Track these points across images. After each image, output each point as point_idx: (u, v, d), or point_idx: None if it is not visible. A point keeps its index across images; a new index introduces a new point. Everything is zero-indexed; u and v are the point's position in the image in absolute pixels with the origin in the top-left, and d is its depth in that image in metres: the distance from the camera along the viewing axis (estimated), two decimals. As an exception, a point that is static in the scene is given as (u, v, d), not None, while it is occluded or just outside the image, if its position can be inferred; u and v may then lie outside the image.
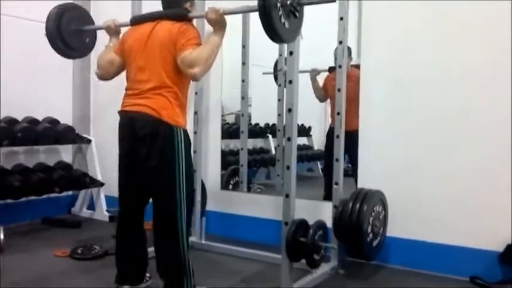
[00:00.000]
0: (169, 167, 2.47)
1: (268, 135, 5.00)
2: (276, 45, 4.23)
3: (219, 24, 2.46)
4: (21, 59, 4.36)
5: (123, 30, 2.83)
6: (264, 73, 4.57)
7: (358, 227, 2.85)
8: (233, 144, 4.63)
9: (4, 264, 3.22)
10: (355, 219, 2.86)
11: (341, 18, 3.13)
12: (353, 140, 3.41)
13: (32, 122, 4.27)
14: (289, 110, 2.68)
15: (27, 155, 4.43)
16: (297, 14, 2.29)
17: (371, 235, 2.94)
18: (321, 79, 4.21)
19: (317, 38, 3.65)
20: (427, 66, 3.22)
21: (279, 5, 2.17)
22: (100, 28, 2.98)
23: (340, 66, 3.15)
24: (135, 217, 2.73)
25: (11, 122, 4.12)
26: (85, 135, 4.72)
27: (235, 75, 4.25)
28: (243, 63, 4.22)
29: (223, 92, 4.18)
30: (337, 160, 3.16)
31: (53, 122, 4.42)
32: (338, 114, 3.17)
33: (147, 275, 2.83)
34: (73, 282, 2.99)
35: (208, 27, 2.58)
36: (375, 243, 3.00)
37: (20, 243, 3.77)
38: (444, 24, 3.16)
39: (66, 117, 4.70)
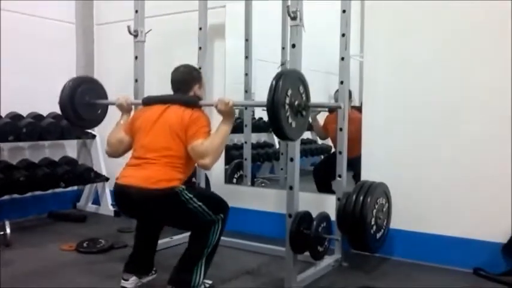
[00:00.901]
0: (188, 216, 2.55)
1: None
2: (279, 39, 4.25)
3: (228, 114, 2.57)
4: (26, 54, 4.39)
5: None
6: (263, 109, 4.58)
7: (362, 220, 2.85)
8: (237, 138, 4.64)
9: (11, 258, 3.26)
10: (358, 211, 2.86)
11: (343, 11, 3.13)
12: (356, 164, 3.44)
13: (37, 117, 4.31)
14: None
15: (32, 150, 4.47)
16: (304, 114, 2.39)
17: (374, 227, 2.94)
18: (321, 118, 4.24)
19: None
20: (429, 59, 3.22)
21: (287, 105, 2.27)
22: (112, 104, 3.05)
23: (343, 59, 3.15)
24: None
25: (16, 117, 4.16)
26: (89, 130, 4.74)
27: (239, 68, 4.25)
28: (246, 57, 4.22)
29: (226, 86, 4.19)
30: (340, 153, 3.17)
31: (58, 117, 4.44)
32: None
33: (154, 268, 2.89)
34: (79, 274, 3.02)
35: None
36: (378, 235, 3.01)
37: (27, 237, 3.80)
38: (446, 17, 3.15)
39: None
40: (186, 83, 2.76)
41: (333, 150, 4.01)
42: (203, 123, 2.57)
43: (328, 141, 4.40)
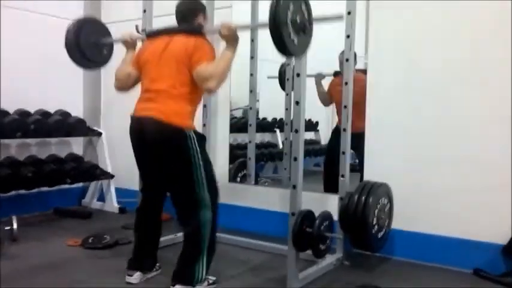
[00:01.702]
0: (187, 169, 2.57)
1: (276, 129, 5.04)
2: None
3: (232, 39, 2.58)
4: (34, 52, 4.44)
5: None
6: (268, 77, 4.62)
7: (364, 219, 2.89)
8: (241, 138, 4.68)
9: (18, 252, 3.31)
10: (360, 211, 2.90)
11: (349, 13, 3.16)
12: (359, 141, 3.47)
13: (44, 114, 4.36)
14: (297, 103, 2.73)
15: (39, 147, 4.52)
16: (306, 32, 2.37)
17: (376, 227, 2.97)
18: (325, 84, 4.26)
19: (323, 42, 3.70)
20: (433, 62, 3.25)
21: (289, 21, 2.25)
22: (117, 41, 3.08)
23: (347, 60, 3.19)
24: (154, 207, 2.87)
25: (24, 114, 4.21)
26: (96, 128, 4.80)
27: (244, 69, 4.29)
28: (252, 57, 4.26)
29: (232, 86, 4.23)
30: (343, 153, 3.20)
31: (65, 114, 4.51)
32: (345, 107, 3.21)
33: (157, 264, 2.92)
34: (85, 270, 3.07)
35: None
36: (380, 235, 3.04)
37: (33, 232, 3.86)
38: (453, 21, 3.18)
39: (77, 110, 4.79)
40: (191, 12, 2.77)
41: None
42: (207, 49, 2.59)
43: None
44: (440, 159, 3.23)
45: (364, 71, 3.56)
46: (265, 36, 4.18)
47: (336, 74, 3.99)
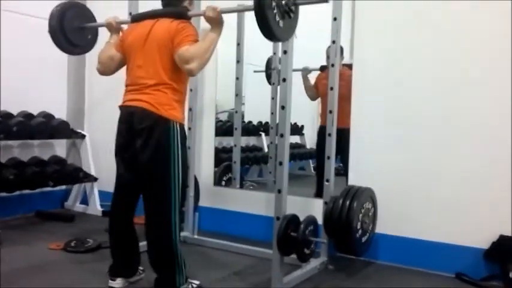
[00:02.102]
0: (164, 159, 2.53)
1: (261, 133, 5.05)
2: (270, 44, 4.29)
3: (216, 22, 2.54)
4: (16, 53, 4.38)
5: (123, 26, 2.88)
6: (255, 71, 4.62)
7: (348, 224, 2.91)
8: (226, 141, 4.68)
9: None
10: (345, 215, 2.92)
11: (335, 19, 3.19)
12: (344, 138, 3.47)
13: (27, 116, 4.30)
14: (283, 107, 2.74)
15: (22, 149, 4.46)
16: (292, 15, 2.36)
17: (360, 231, 3.00)
18: (312, 78, 4.27)
19: (309, 36, 3.71)
20: (419, 64, 3.28)
21: (274, 4, 2.23)
22: (101, 25, 3.04)
23: (333, 65, 3.21)
24: (126, 212, 2.78)
25: (6, 116, 4.15)
26: (79, 130, 4.75)
27: (230, 73, 4.29)
28: (238, 61, 4.26)
29: (218, 89, 4.22)
30: (328, 158, 3.22)
31: (48, 116, 4.45)
32: (330, 112, 3.23)
33: (140, 268, 2.90)
34: (67, 274, 3.03)
35: (205, 25, 2.63)
36: (364, 239, 3.07)
37: (14, 236, 3.79)
38: (438, 22, 3.21)
39: (60, 112, 4.73)
40: None
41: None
42: (190, 31, 2.54)
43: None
44: (424, 164, 3.26)
45: (350, 66, 3.57)
46: (251, 41, 4.29)
47: (323, 68, 4.00)
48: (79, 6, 3.24)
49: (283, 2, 2.29)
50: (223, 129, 4.63)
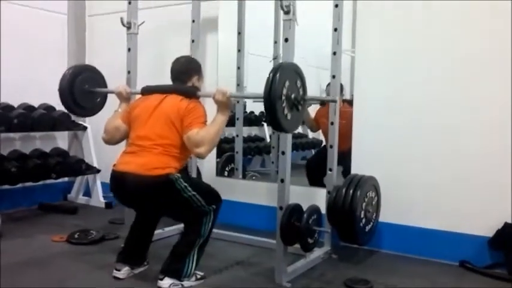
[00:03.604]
0: (182, 203, 2.58)
1: (263, 123, 5.03)
2: (271, 33, 4.26)
3: (225, 105, 2.59)
4: (17, 45, 4.37)
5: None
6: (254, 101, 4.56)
7: (351, 213, 2.89)
8: (228, 132, 4.66)
9: (3, 248, 3.25)
10: (348, 204, 2.90)
11: (336, 6, 3.16)
12: (345, 158, 3.48)
13: (28, 108, 4.29)
14: (285, 97, 2.71)
15: (23, 141, 4.46)
16: (299, 108, 2.41)
17: (364, 220, 2.98)
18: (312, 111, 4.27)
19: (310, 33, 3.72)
20: (421, 55, 3.25)
21: (283, 97, 2.28)
22: (111, 92, 3.08)
23: (335, 53, 3.18)
24: (150, 220, 2.90)
25: (7, 108, 4.14)
26: (81, 122, 4.73)
27: (231, 62, 4.26)
28: (239, 51, 4.23)
29: (219, 79, 4.20)
30: (331, 147, 3.20)
31: (49, 108, 4.44)
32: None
33: (146, 260, 2.92)
34: (71, 265, 3.03)
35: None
36: (367, 228, 3.05)
37: (18, 228, 3.80)
38: (442, 16, 3.18)
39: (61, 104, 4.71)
40: (185, 73, 2.79)
41: (324, 143, 4.05)
42: (199, 113, 2.59)
43: (319, 135, 4.45)
44: (428, 152, 3.24)
45: (351, 102, 3.57)
46: (252, 30, 4.26)
47: (323, 103, 4.01)
48: (91, 70, 3.28)
49: (293, 96, 2.34)
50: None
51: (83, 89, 3.13)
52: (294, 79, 2.40)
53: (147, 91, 2.81)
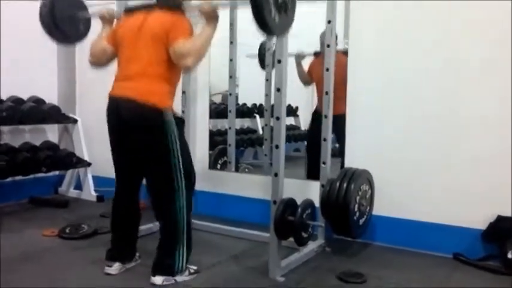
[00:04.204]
0: (163, 154, 2.52)
1: (256, 115, 5.00)
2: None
3: (212, 16, 2.51)
4: (5, 37, 4.28)
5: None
6: (247, 55, 4.56)
7: (345, 206, 2.89)
8: (220, 124, 4.63)
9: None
10: (342, 198, 2.89)
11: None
12: (340, 123, 3.44)
13: (17, 101, 4.23)
14: (278, 90, 2.68)
15: (13, 134, 4.39)
16: (288, 11, 2.32)
17: (357, 214, 2.98)
18: (306, 63, 4.22)
19: (303, 22, 3.65)
20: (415, 48, 3.23)
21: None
22: (94, 15, 2.99)
23: (328, 46, 3.15)
24: (130, 195, 2.79)
25: (-4, 101, 4.08)
26: (71, 115, 4.68)
27: (223, 54, 4.22)
28: (231, 42, 4.19)
29: (211, 71, 4.15)
30: (324, 140, 3.18)
31: (38, 101, 4.38)
32: (326, 93, 3.18)
33: (137, 254, 2.88)
34: (62, 260, 2.99)
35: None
36: (361, 221, 3.05)
37: (8, 223, 3.76)
38: (435, 6, 3.15)
39: (51, 97, 4.65)
40: None
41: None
42: (185, 26, 2.52)
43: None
44: (421, 145, 3.23)
45: (346, 53, 3.51)
46: (244, 21, 4.20)
47: (317, 54, 3.96)
48: None
49: None
50: (217, 111, 4.58)
51: (64, 15, 3.00)
52: None
53: (131, 10, 2.72)
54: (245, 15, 4.17)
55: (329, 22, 3.13)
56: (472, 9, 3.03)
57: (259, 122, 4.97)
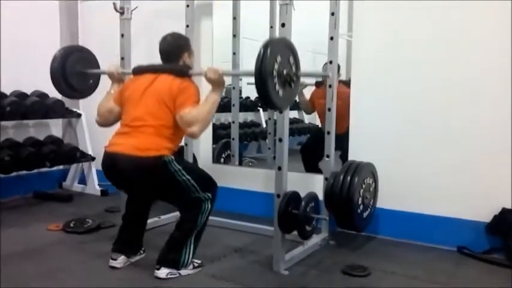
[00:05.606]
0: (175, 187, 2.55)
1: (259, 108, 4.99)
2: (267, 18, 4.20)
3: (217, 83, 2.55)
4: (8, 31, 4.28)
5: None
6: (248, 83, 4.51)
7: (349, 199, 2.88)
8: (223, 117, 4.63)
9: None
10: (346, 191, 2.88)
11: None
12: (343, 141, 3.44)
13: (21, 96, 4.23)
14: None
15: (17, 129, 4.40)
16: (292, 85, 2.34)
17: (361, 207, 2.97)
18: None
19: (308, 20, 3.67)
20: (418, 41, 3.20)
21: (275, 73, 2.21)
22: (103, 73, 3.02)
23: (332, 38, 3.13)
24: (143, 204, 2.89)
25: (-1, 96, 4.08)
26: (75, 109, 4.68)
27: (226, 47, 4.20)
28: (234, 36, 4.17)
29: (214, 64, 4.14)
30: (328, 133, 3.17)
31: (42, 96, 4.38)
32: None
33: (142, 248, 2.90)
34: (67, 254, 3.00)
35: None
36: (365, 214, 3.04)
37: (12, 217, 3.77)
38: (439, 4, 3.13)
39: (55, 91, 4.61)
40: (174, 52, 2.73)
41: (319, 125, 4.02)
42: (192, 92, 2.56)
43: (315, 120, 4.41)
44: (425, 138, 3.21)
45: (348, 83, 3.52)
46: (247, 14, 4.19)
47: (318, 84, 3.95)
48: (83, 51, 3.21)
49: (285, 72, 2.27)
50: (220, 105, 4.55)
51: (74, 69, 3.06)
52: (286, 55, 2.33)
53: (139, 71, 2.75)
54: (248, 7, 4.19)
55: (332, 14, 3.11)
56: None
57: (262, 115, 4.96)
